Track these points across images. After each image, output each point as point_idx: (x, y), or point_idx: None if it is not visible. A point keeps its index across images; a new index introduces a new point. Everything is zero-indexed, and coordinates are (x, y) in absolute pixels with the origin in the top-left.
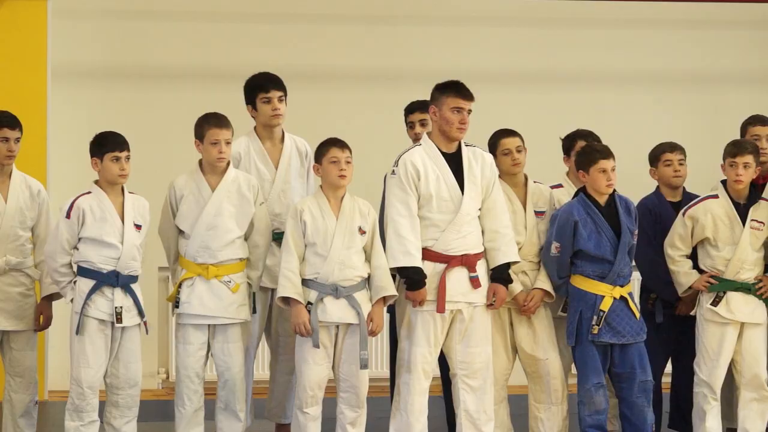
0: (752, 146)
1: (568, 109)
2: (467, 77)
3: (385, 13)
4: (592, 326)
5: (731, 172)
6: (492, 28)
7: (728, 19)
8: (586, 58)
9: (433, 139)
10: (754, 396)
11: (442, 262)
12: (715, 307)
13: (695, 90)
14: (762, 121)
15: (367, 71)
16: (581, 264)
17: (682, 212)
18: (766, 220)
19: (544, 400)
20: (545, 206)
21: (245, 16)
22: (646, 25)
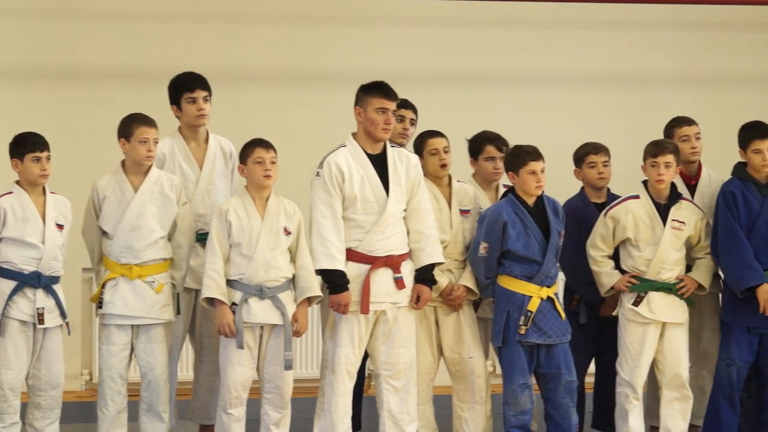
0: (673, 146)
1: (494, 110)
2: (392, 78)
3: (311, 13)
4: (520, 326)
5: (653, 172)
6: (418, 29)
7: (654, 20)
8: (513, 58)
9: (358, 140)
10: (675, 395)
11: (366, 263)
12: (636, 307)
13: (621, 91)
14: (689, 122)
15: (292, 71)
16: (509, 264)
17: (604, 213)
18: (687, 220)
19: (468, 399)
20: (470, 205)
21: (169, 15)
22: (573, 26)
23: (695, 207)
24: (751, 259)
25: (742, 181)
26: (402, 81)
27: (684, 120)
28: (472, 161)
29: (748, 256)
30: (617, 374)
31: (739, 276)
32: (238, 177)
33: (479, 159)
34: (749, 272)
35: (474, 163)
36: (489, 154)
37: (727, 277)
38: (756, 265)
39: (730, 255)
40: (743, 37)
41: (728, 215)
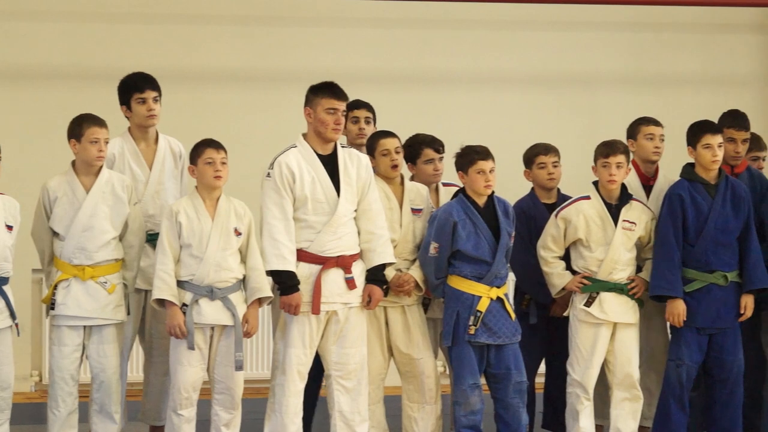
0: (623, 146)
1: (446, 110)
2: (342, 78)
3: (262, 14)
4: (469, 327)
5: (604, 173)
6: (371, 29)
7: (605, 21)
8: (464, 59)
9: (309, 140)
10: (626, 396)
11: (317, 263)
12: (588, 308)
13: (572, 91)
14: (655, 122)
15: (243, 72)
16: (459, 265)
17: (555, 214)
18: (638, 221)
19: (418, 399)
20: (422, 204)
21: (119, 16)
22: (525, 27)
23: (645, 207)
24: (673, 273)
25: (691, 183)
26: (354, 81)
27: (652, 120)
28: (410, 165)
29: (672, 268)
30: (568, 375)
31: (656, 283)
32: (188, 177)
33: (417, 162)
34: (664, 283)
35: (412, 167)
36: (427, 157)
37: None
38: (676, 278)
39: (657, 262)
40: (694, 38)
41: (668, 221)
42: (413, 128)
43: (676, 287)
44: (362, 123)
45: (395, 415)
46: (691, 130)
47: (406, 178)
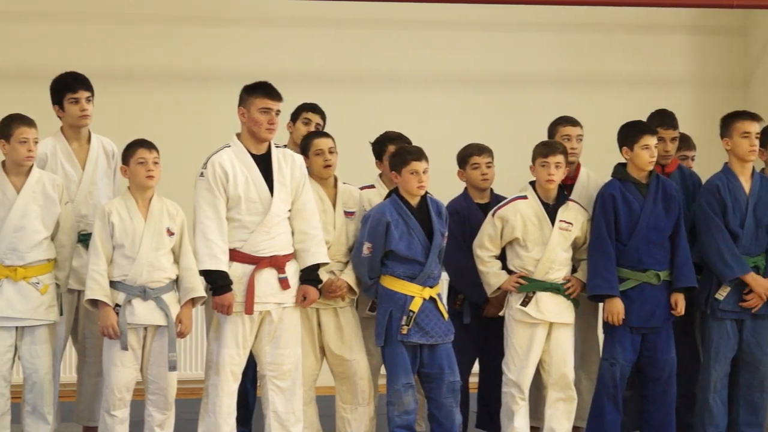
0: (562, 147)
1: (379, 110)
2: (276, 78)
3: (196, 13)
4: (402, 326)
5: (542, 172)
6: (301, 29)
7: (534, 21)
8: (398, 59)
9: (242, 140)
10: (561, 396)
11: (250, 263)
12: (524, 308)
13: (505, 92)
14: (572, 122)
15: (176, 72)
16: (392, 265)
17: (492, 213)
18: (574, 221)
19: (351, 400)
20: (355, 207)
21: (52, 15)
22: (455, 27)
23: (581, 208)
24: (609, 270)
25: (622, 183)
26: (288, 82)
27: (568, 120)
28: (378, 163)
29: (608, 266)
30: (504, 374)
31: (593, 282)
32: (120, 177)
33: (384, 160)
34: (601, 282)
35: (380, 164)
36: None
37: (587, 279)
38: (612, 276)
39: (593, 261)
40: (625, 39)
41: (601, 221)
42: (348, 128)
43: (614, 286)
44: (312, 127)
45: (329, 416)
46: (627, 131)
47: (340, 181)
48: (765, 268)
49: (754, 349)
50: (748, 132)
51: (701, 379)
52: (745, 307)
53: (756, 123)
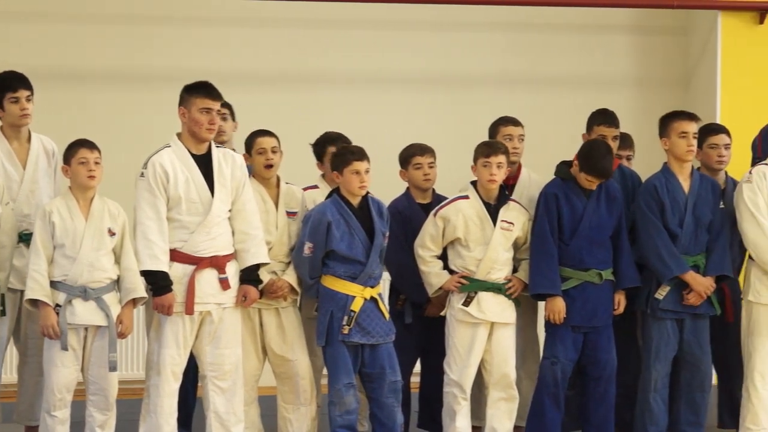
0: (504, 147)
1: (322, 110)
2: (217, 78)
3: (138, 12)
4: (343, 326)
5: (485, 172)
6: (245, 28)
7: (479, 21)
8: (340, 59)
9: (183, 140)
10: (502, 395)
11: (191, 263)
12: (466, 308)
13: (447, 91)
14: (514, 122)
15: (118, 71)
16: (333, 264)
17: (434, 213)
18: (516, 221)
19: (293, 400)
20: (297, 207)
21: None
22: (398, 27)
23: (523, 208)
24: (551, 269)
25: (565, 182)
26: (229, 81)
27: (510, 120)
28: (319, 164)
29: (550, 265)
30: (445, 374)
31: (535, 281)
32: (61, 176)
33: (325, 161)
34: (544, 280)
35: (321, 166)
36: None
37: (528, 278)
38: (554, 275)
39: (535, 260)
40: (569, 39)
41: (544, 220)
42: (290, 128)
43: (556, 285)
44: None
45: (271, 416)
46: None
47: (283, 180)
48: (705, 267)
49: (694, 348)
50: (685, 132)
51: (642, 378)
52: (686, 307)
53: (694, 123)
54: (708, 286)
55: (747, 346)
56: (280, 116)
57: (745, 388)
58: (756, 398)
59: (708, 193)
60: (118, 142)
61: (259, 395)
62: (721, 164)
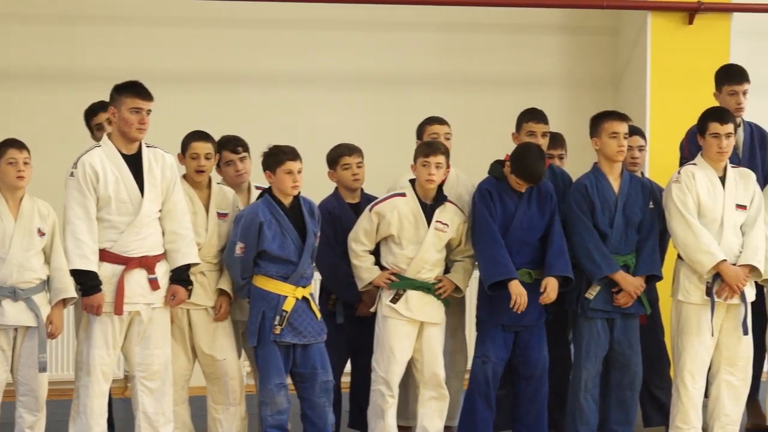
0: (444, 147)
1: (251, 109)
2: (146, 77)
3: (66, 12)
4: (275, 326)
5: (423, 172)
6: (174, 28)
7: (412, 21)
8: (270, 58)
9: (113, 140)
10: (432, 394)
11: (120, 263)
12: (394, 305)
13: (377, 91)
14: (440, 121)
15: (46, 71)
16: (265, 265)
17: (369, 208)
18: (450, 222)
19: (222, 401)
20: (228, 208)
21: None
22: (333, 27)
23: (458, 210)
24: (502, 255)
25: (498, 181)
26: (159, 81)
27: (436, 119)
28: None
29: (499, 252)
30: (373, 371)
31: (488, 271)
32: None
33: (221, 165)
34: (497, 268)
35: (219, 170)
36: (226, 159)
37: (480, 272)
38: (506, 260)
39: (483, 251)
40: (501, 39)
41: (485, 211)
42: (221, 129)
43: (511, 269)
44: None
45: (201, 416)
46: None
47: (215, 181)
48: (635, 267)
49: (624, 347)
50: (616, 132)
51: (573, 377)
52: (616, 306)
53: (624, 123)
54: (638, 286)
55: (676, 345)
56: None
57: (675, 388)
58: (686, 397)
59: (638, 193)
60: (47, 142)
61: (191, 395)
62: (634, 165)
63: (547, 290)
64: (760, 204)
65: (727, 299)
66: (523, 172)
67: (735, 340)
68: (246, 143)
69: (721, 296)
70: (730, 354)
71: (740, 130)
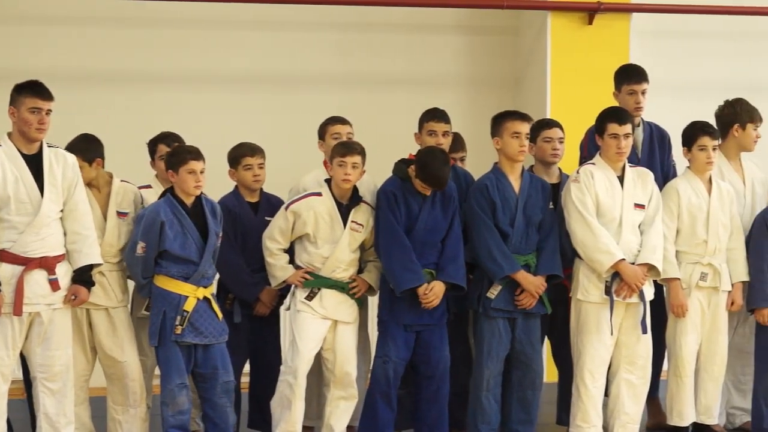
0: (360, 147)
1: (152, 109)
2: (46, 77)
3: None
4: (176, 326)
5: (339, 172)
6: (73, 27)
7: (311, 20)
8: (170, 57)
9: (14, 140)
10: (342, 394)
11: (20, 264)
12: (309, 302)
13: (279, 90)
14: (342, 121)
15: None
16: (166, 264)
17: (285, 206)
18: (365, 223)
19: (122, 402)
20: (129, 207)
21: None
22: (233, 27)
23: (373, 210)
24: (412, 261)
25: (403, 182)
26: (61, 81)
27: (338, 119)
28: (152, 163)
29: (410, 257)
30: (283, 363)
31: (400, 277)
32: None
33: (155, 159)
34: (408, 274)
35: (153, 164)
36: (161, 153)
37: (388, 276)
38: (415, 266)
39: (390, 255)
40: (400, 39)
41: (389, 215)
42: (123, 129)
43: (421, 275)
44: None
45: (101, 417)
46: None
47: (117, 179)
48: (536, 267)
49: (526, 347)
50: (518, 132)
51: (474, 377)
52: (517, 306)
53: (526, 123)
54: (539, 285)
55: (576, 344)
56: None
57: (575, 387)
58: (586, 396)
59: (538, 193)
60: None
61: (91, 396)
62: (555, 157)
63: (428, 295)
64: (658, 203)
65: (626, 298)
66: (428, 177)
67: (634, 338)
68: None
69: (620, 295)
70: (629, 353)
71: (639, 130)
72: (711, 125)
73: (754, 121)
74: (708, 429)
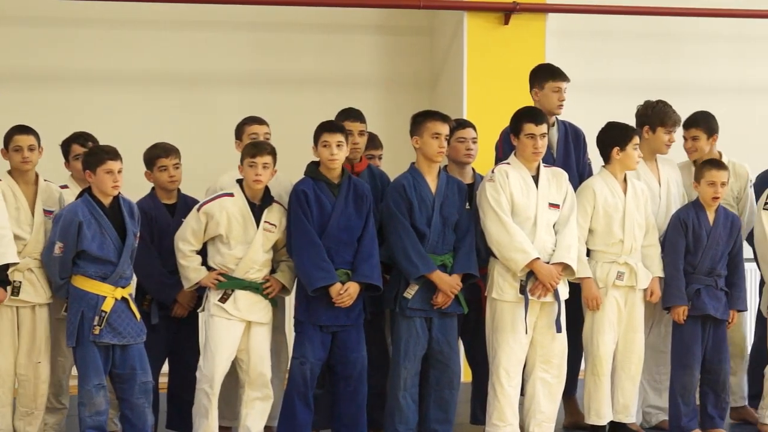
0: (271, 147)
1: (68, 109)
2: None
3: None
4: (94, 327)
5: (250, 172)
6: None
7: (223, 20)
8: (86, 57)
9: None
10: (257, 395)
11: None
12: (223, 304)
13: (190, 90)
14: (259, 121)
15: None
16: (84, 264)
17: (197, 207)
18: (278, 223)
19: (27, 404)
20: (55, 206)
21: None
22: (142, 26)
23: (285, 210)
24: (323, 259)
25: (315, 181)
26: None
27: (254, 119)
28: (67, 164)
29: (320, 255)
30: (198, 370)
31: (311, 276)
32: None
33: (70, 160)
34: (320, 273)
35: (67, 165)
36: (75, 153)
37: (300, 276)
38: (327, 265)
39: (302, 254)
40: (315, 38)
41: (300, 214)
42: (40, 128)
43: (333, 274)
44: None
45: None
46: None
47: (41, 178)
48: (452, 266)
49: (443, 346)
50: (438, 133)
51: (391, 377)
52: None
53: (447, 125)
54: (453, 285)
55: (492, 343)
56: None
57: (491, 385)
58: (502, 395)
59: (454, 194)
60: None
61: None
62: (469, 157)
63: (342, 296)
64: (573, 203)
65: (540, 297)
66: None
67: (549, 337)
68: None
69: (535, 294)
70: (544, 351)
71: (554, 130)
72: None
73: (666, 126)
74: (625, 428)
